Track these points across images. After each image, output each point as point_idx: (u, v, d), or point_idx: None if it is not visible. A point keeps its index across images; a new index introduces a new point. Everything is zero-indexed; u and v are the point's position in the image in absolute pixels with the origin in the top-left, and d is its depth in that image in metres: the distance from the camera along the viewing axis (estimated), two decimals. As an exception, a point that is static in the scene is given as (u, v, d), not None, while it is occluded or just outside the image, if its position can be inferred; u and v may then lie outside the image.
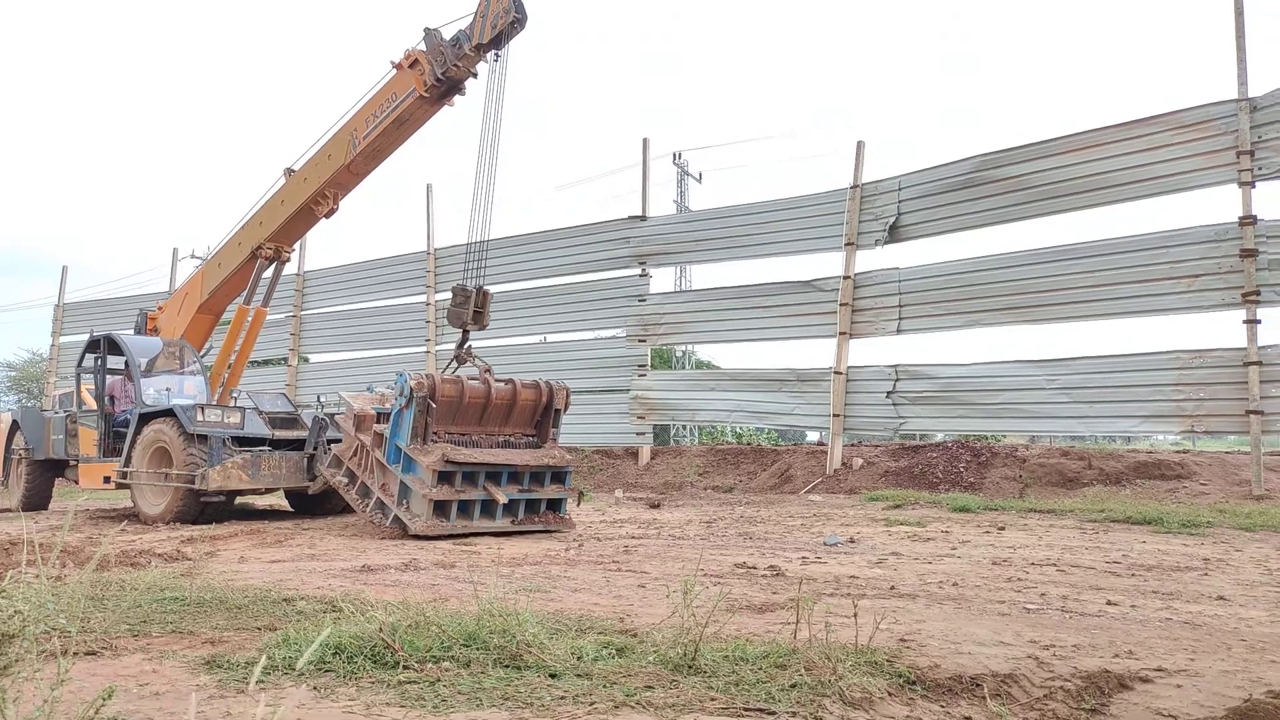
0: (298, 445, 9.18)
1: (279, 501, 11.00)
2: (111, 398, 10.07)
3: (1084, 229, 10.99)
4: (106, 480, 9.53)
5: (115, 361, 10.25)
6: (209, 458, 8.45)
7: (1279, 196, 10.20)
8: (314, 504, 9.85)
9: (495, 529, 7.36)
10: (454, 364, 8.30)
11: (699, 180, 31.52)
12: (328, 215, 10.10)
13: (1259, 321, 9.38)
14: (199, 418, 8.63)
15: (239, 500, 10.09)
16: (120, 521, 9.02)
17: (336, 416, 8.72)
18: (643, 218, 14.83)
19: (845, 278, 12.42)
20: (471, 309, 8.24)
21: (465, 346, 8.36)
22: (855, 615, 3.38)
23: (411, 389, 7.24)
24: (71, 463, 10.46)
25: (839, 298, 12.41)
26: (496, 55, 8.45)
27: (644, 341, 14.65)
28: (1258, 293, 9.35)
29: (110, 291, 23.66)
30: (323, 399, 11.58)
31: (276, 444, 9.17)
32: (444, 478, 7.16)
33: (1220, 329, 9.85)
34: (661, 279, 15.46)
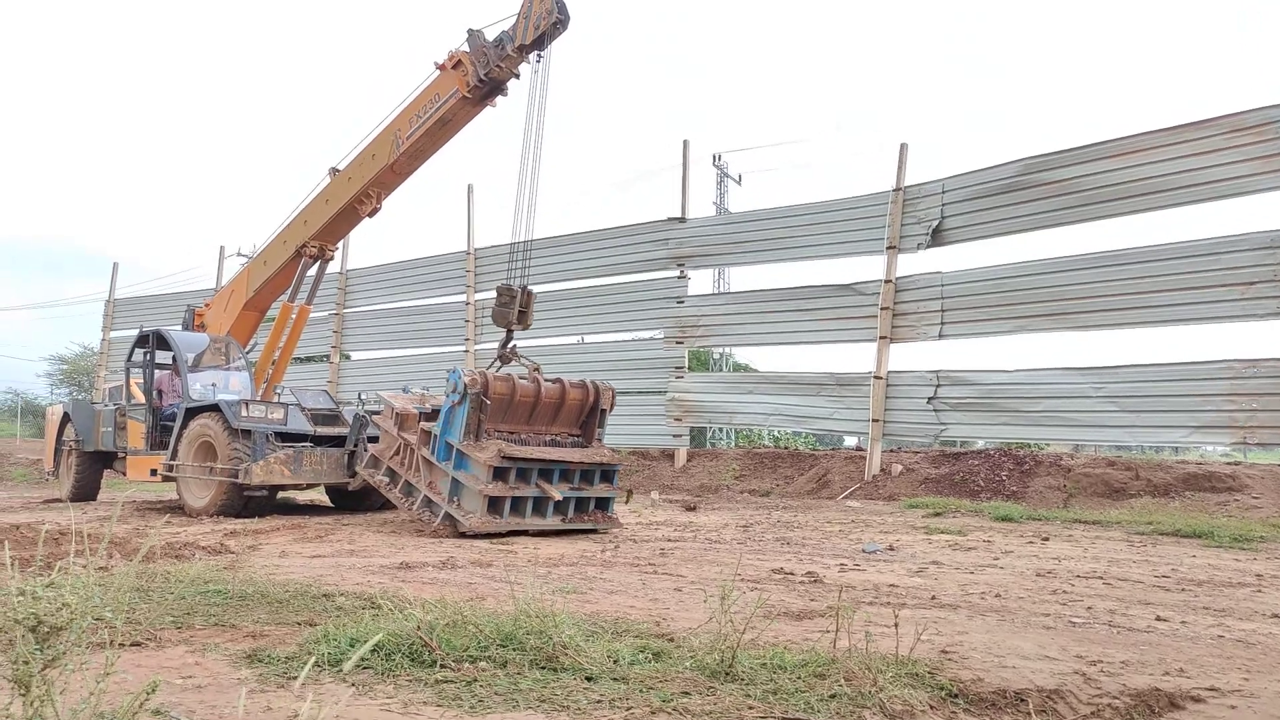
0: (339, 441, 9.27)
1: (319, 497, 11.13)
2: (159, 392, 10.25)
3: (1132, 234, 10.74)
4: (153, 473, 9.71)
5: (163, 357, 10.46)
6: (253, 452, 8.57)
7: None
8: (354, 500, 9.92)
9: (546, 527, 7.38)
10: (498, 363, 8.33)
11: (738, 182, 31.42)
12: (371, 214, 10.23)
13: (1317, 331, 9.11)
14: (244, 413, 8.74)
15: (281, 495, 10.21)
16: (165, 514, 9.20)
17: (375, 416, 8.81)
18: (682, 219, 14.80)
19: (886, 281, 12.28)
20: (517, 308, 8.27)
21: (511, 346, 8.39)
22: (896, 625, 3.32)
23: (465, 385, 7.24)
24: (120, 455, 10.66)
25: (880, 301, 12.28)
26: (539, 56, 8.50)
27: (682, 343, 14.62)
28: (1315, 301, 9.08)
29: (159, 288, 24.22)
30: (363, 396, 11.75)
31: (318, 440, 9.26)
32: (499, 474, 7.16)
33: (1275, 338, 9.59)
34: (700, 281, 15.46)
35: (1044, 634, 3.94)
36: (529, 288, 8.48)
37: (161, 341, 10.29)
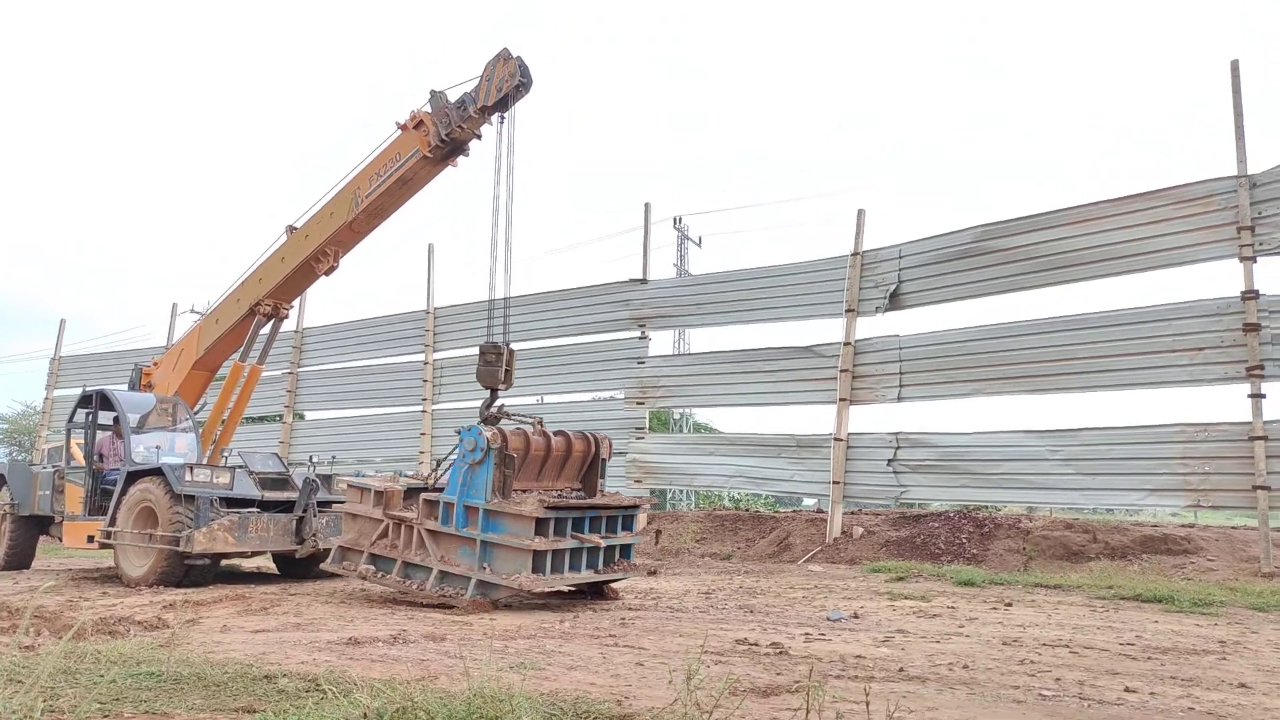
0: (287, 507, 8.98)
1: (266, 564, 10.74)
2: (101, 454, 9.89)
3: (1086, 300, 10.95)
4: (90, 539, 9.31)
5: (107, 417, 10.11)
6: (195, 518, 8.26)
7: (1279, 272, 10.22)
8: (301, 567, 9.64)
9: (586, 580, 7.21)
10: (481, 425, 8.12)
11: (699, 244, 31.77)
12: (328, 273, 10.10)
13: (1264, 396, 9.30)
14: (187, 477, 8.48)
15: (225, 563, 9.82)
16: (103, 584, 8.79)
17: (341, 504, 8.34)
18: (643, 281, 14.85)
19: (846, 344, 12.37)
20: (504, 366, 8.12)
21: (499, 405, 8.16)
22: (867, 703, 3.21)
23: (489, 442, 6.96)
24: (56, 519, 10.23)
25: (839, 364, 12.35)
26: (502, 118, 8.58)
27: (643, 404, 14.54)
28: (1261, 367, 9.29)
29: (107, 345, 23.56)
30: (314, 459, 11.42)
31: (265, 505, 8.97)
32: (540, 527, 6.84)
33: (1225, 403, 9.79)
34: (660, 342, 15.40)
35: (1015, 709, 3.85)
36: (510, 345, 8.32)
37: (105, 401, 9.98)
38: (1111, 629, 6.14)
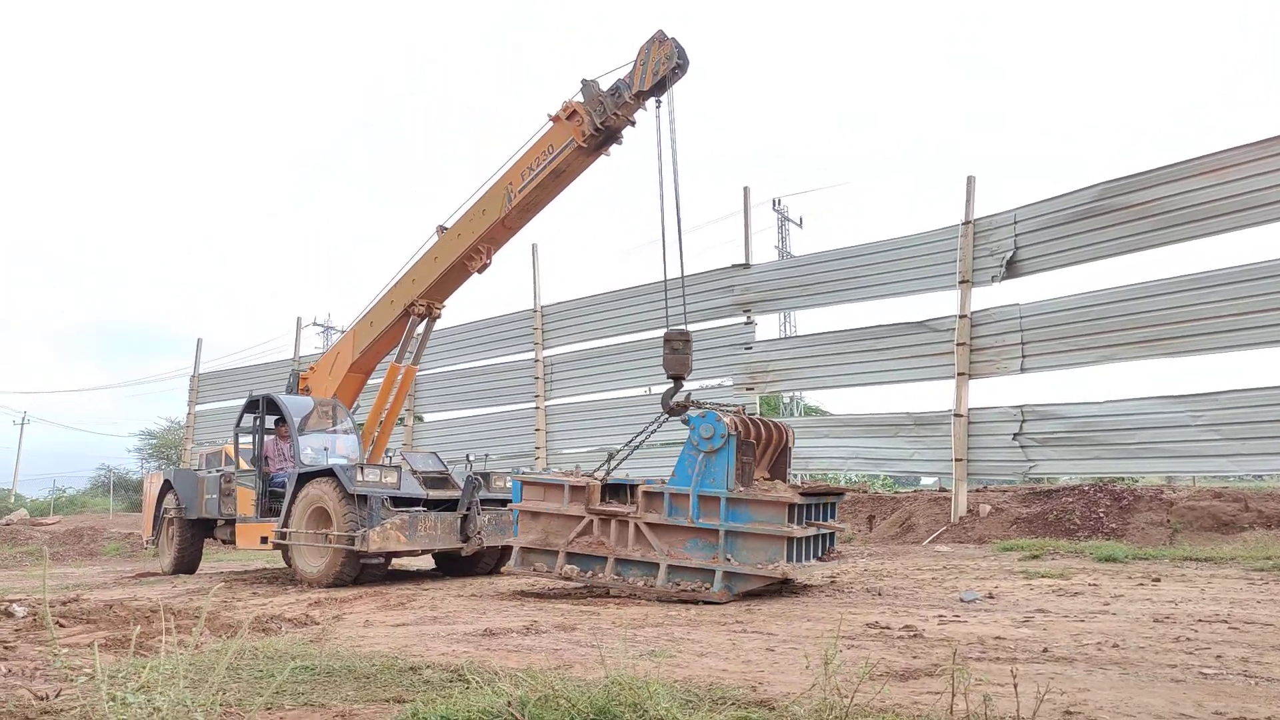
0: (450, 505, 9.01)
1: (427, 563, 10.80)
2: (266, 458, 10.10)
3: (1221, 255, 10.27)
4: (264, 540, 9.45)
5: (259, 422, 10.25)
6: (368, 518, 8.30)
7: None
8: (464, 565, 9.62)
9: (813, 567, 7.09)
10: (663, 417, 7.94)
11: (800, 225, 31.29)
12: (480, 270, 10.00)
13: None
14: (358, 477, 8.51)
15: (395, 562, 10.04)
16: (254, 584, 9.30)
17: (503, 502, 8.17)
18: (746, 265, 14.72)
19: (961, 316, 11.96)
20: (690, 354, 7.91)
21: (687, 394, 7.95)
22: (1015, 684, 3.10)
23: (728, 429, 6.84)
24: (220, 523, 10.59)
25: (955, 337, 11.95)
26: (658, 102, 8.33)
27: (752, 389, 14.43)
28: None
29: (240, 361, 24.94)
30: (472, 457, 11.59)
31: (431, 504, 9.01)
32: (792, 514, 6.75)
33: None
34: (766, 326, 15.29)
35: (1174, 688, 3.64)
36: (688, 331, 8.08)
37: (271, 406, 10.08)
38: (1274, 602, 5.75)
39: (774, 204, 29.57)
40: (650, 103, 8.42)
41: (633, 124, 8.73)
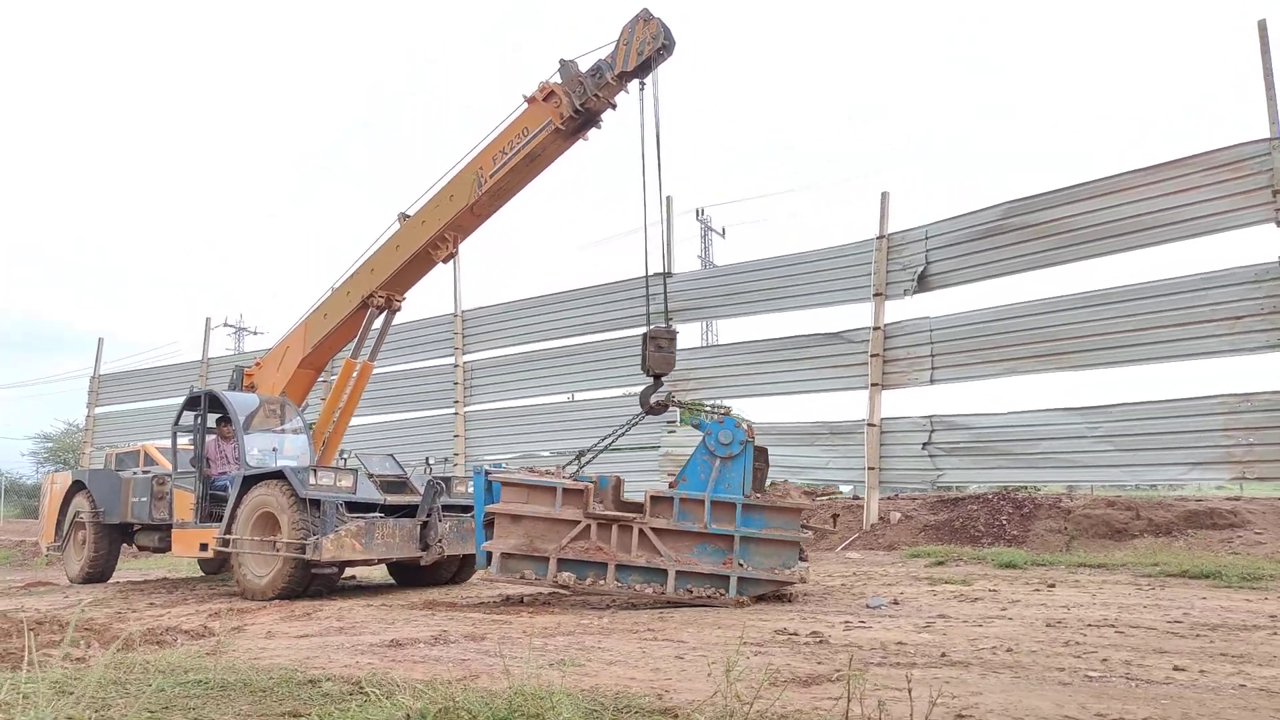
0: (409, 511, 8.53)
1: (380, 574, 10.24)
2: (207, 459, 9.47)
3: (1118, 273, 10.78)
4: (203, 547, 8.83)
5: (201, 420, 9.61)
6: (322, 525, 7.71)
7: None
8: (422, 576, 9.03)
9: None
10: (641, 416, 7.91)
11: (722, 235, 31.65)
12: (446, 260, 9.53)
13: (1308, 362, 9.10)
14: (311, 481, 7.94)
15: (347, 573, 9.49)
16: (150, 594, 8.94)
17: (500, 504, 7.14)
18: (668, 274, 14.80)
19: (875, 328, 12.27)
20: (674, 351, 7.74)
21: (668, 394, 7.76)
22: (909, 690, 3.19)
23: (746, 435, 6.84)
24: (138, 527, 9.98)
25: (869, 349, 12.25)
26: (641, 84, 8.06)
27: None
28: (1304, 333, 9.08)
29: (145, 362, 24.00)
30: (431, 460, 11.12)
31: (388, 510, 8.52)
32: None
33: (1267, 372, 9.56)
34: (688, 334, 15.40)
35: (1061, 691, 3.79)
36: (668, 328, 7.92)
37: (213, 403, 9.47)
38: (1158, 607, 6.04)
39: (697, 214, 29.90)
40: (633, 85, 8.12)
41: (613, 107, 8.39)
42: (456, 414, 16.74)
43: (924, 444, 11.73)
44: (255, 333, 44.09)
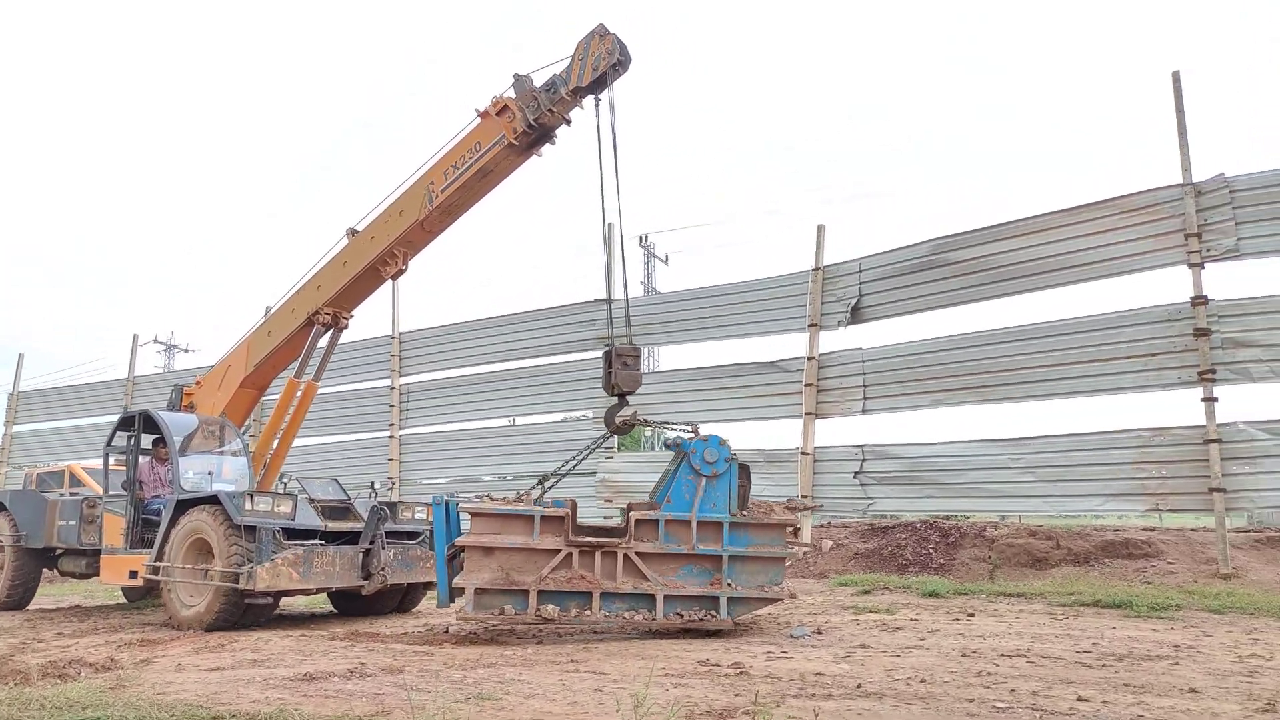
0: (351, 538, 8.26)
1: (321, 604, 9.93)
2: (140, 482, 9.07)
3: (1041, 310, 11.11)
4: (133, 575, 8.46)
5: (135, 441, 9.22)
6: (256, 553, 7.44)
7: (1228, 277, 10.49)
8: (364, 606, 8.77)
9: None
10: (606, 436, 7.87)
11: (665, 262, 31.88)
12: (395, 276, 9.36)
13: (1216, 399, 9.47)
14: (247, 506, 7.66)
15: (285, 602, 9.16)
16: (60, 623, 8.59)
17: (469, 535, 6.77)
18: (608, 300, 14.86)
19: (810, 358, 12.46)
20: (640, 369, 7.62)
21: (633, 412, 7.72)
22: (814, 725, 3.23)
23: (732, 452, 6.80)
24: (60, 552, 9.56)
25: (804, 378, 12.42)
26: (597, 100, 7.98)
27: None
28: (1213, 371, 9.47)
29: (68, 379, 23.17)
30: (377, 485, 10.82)
31: (328, 536, 8.24)
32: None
33: (1179, 407, 9.94)
34: (628, 361, 15.39)
35: (967, 723, 3.88)
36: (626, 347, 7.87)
37: (148, 423, 9.11)
38: (1069, 636, 6.21)
39: (640, 240, 30.13)
40: (589, 101, 8.05)
41: (568, 123, 8.34)
42: (392, 437, 16.50)
43: (855, 473, 11.91)
44: (187, 350, 42.97)
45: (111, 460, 9.46)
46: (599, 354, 14.80)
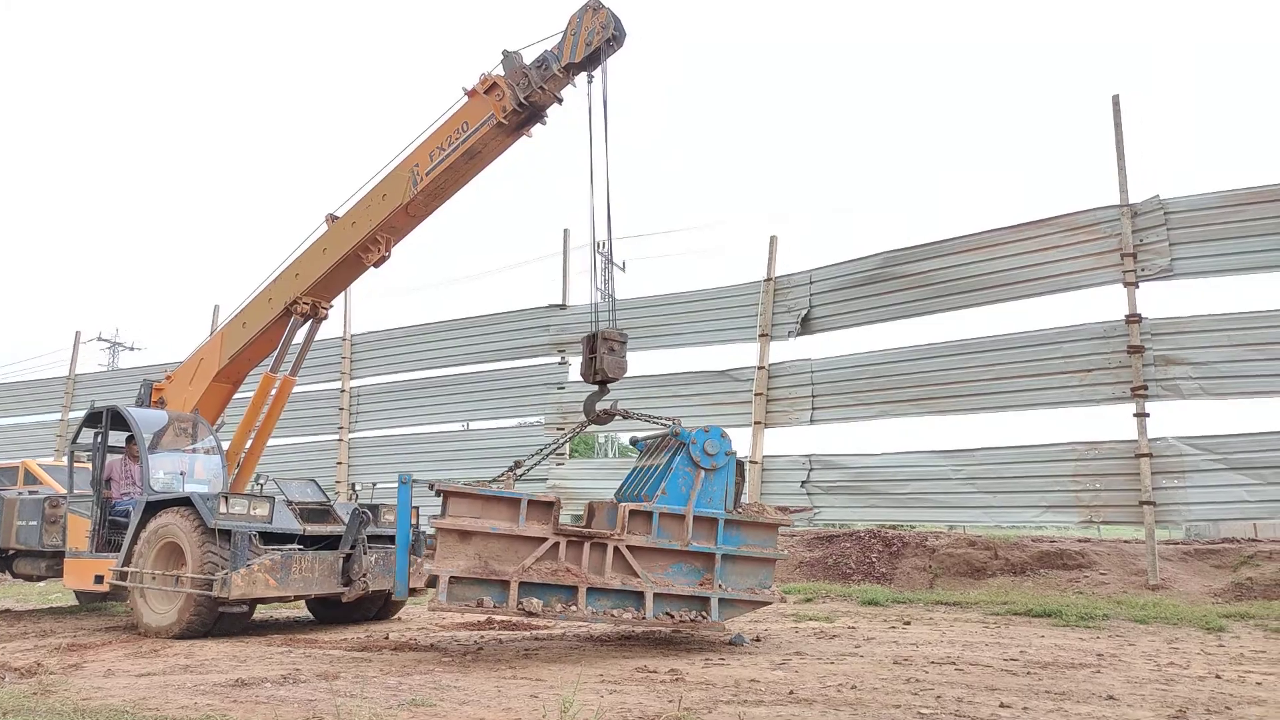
0: (331, 542, 7.88)
1: (298, 610, 9.52)
2: (108, 480, 8.63)
3: (984, 324, 11.40)
4: (98, 580, 8.02)
5: (102, 438, 8.78)
6: (232, 558, 7.03)
7: (1162, 296, 10.80)
8: (344, 612, 8.44)
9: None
10: (584, 424, 7.54)
11: (623, 269, 31.89)
12: (377, 264, 8.97)
13: (1148, 415, 9.77)
14: (222, 509, 7.26)
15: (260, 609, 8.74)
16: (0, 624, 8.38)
17: (444, 517, 6.13)
18: (563, 306, 14.90)
19: (760, 368, 12.60)
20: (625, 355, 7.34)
21: (613, 401, 7.44)
22: (737, 731, 3.29)
23: (731, 445, 6.51)
24: (12, 553, 9.15)
25: (754, 387, 12.56)
26: (590, 77, 7.70)
27: (562, 429, 14.51)
28: (1145, 387, 9.77)
29: (7, 375, 22.53)
30: (358, 487, 10.30)
31: (306, 540, 7.85)
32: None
33: (1113, 422, 10.24)
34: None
35: (890, 729, 3.97)
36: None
37: (115, 420, 8.69)
38: (999, 645, 6.37)
39: (599, 247, 30.19)
40: (580, 79, 7.77)
41: (559, 101, 8.01)
42: (341, 440, 16.33)
43: (803, 482, 12.06)
44: (132, 349, 42.03)
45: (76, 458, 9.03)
46: (554, 359, 14.94)
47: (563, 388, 14.60)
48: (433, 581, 6.00)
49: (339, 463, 16.21)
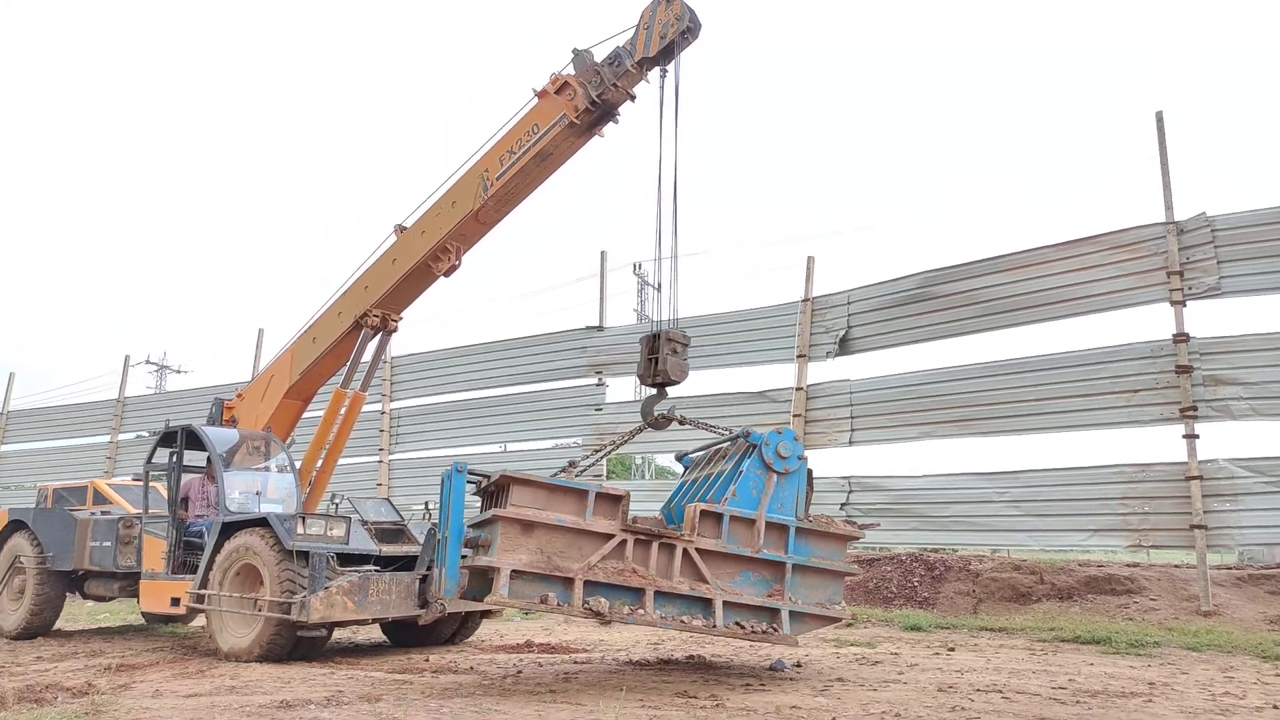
0: (406, 563, 7.66)
1: (374, 633, 9.32)
2: (185, 500, 8.56)
3: (1027, 344, 11.20)
4: (175, 602, 7.94)
5: (177, 458, 8.76)
6: (310, 580, 6.84)
7: (1210, 315, 10.54)
8: (420, 635, 8.19)
9: None
10: (641, 428, 7.38)
11: (658, 290, 31.98)
12: (448, 273, 8.76)
13: (1197, 436, 9.54)
14: (299, 530, 7.07)
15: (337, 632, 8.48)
16: (39, 647, 8.56)
17: (505, 508, 5.79)
18: (600, 328, 14.97)
19: (798, 389, 12.53)
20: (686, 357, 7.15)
21: (671, 407, 7.28)
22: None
23: (804, 454, 6.23)
24: (82, 573, 9.10)
25: (792, 409, 12.49)
26: (663, 72, 7.46)
27: (600, 450, 14.53)
28: (1194, 408, 9.55)
29: (61, 398, 23.14)
30: (430, 506, 10.33)
31: (382, 561, 7.67)
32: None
33: (1162, 443, 10.01)
34: (619, 388, 15.47)
35: (935, 759, 3.91)
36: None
37: (190, 439, 8.60)
38: (1047, 672, 6.23)
39: (634, 268, 30.29)
40: (656, 73, 7.52)
41: (632, 98, 7.77)
42: (381, 462, 16.50)
43: (842, 504, 11.93)
44: (179, 371, 42.84)
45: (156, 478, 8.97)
46: (591, 380, 14.99)
47: (600, 409, 14.64)
48: (472, 618, 5.66)
49: (379, 484, 16.37)
